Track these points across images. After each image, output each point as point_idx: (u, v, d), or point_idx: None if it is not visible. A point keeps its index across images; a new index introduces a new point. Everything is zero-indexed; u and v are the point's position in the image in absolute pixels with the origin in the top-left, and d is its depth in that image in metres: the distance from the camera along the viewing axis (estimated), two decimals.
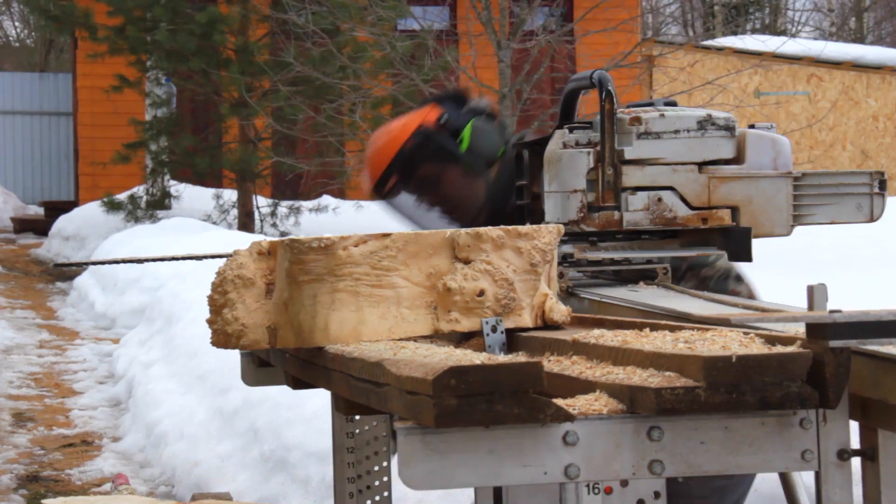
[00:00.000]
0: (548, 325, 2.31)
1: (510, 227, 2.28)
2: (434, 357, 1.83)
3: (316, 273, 2.24)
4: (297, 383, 2.53)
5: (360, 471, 3.23)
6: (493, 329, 2.22)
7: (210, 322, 2.46)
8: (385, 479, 3.25)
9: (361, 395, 1.97)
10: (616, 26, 11.45)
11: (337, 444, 3.24)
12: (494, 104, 3.36)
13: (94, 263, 12.69)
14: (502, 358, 1.69)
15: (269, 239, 2.49)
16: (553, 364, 1.99)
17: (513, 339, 2.25)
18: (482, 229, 2.27)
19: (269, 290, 2.41)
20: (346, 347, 2.16)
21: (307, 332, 2.26)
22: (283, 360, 2.54)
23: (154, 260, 5.19)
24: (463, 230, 2.27)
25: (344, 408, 2.27)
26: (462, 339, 2.31)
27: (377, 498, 3.26)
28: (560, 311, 2.33)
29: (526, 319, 2.29)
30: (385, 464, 3.25)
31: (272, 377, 2.82)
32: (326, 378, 2.25)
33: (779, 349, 1.69)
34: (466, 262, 2.27)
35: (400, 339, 2.24)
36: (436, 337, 2.32)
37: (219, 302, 2.44)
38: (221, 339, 2.44)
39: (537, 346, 2.16)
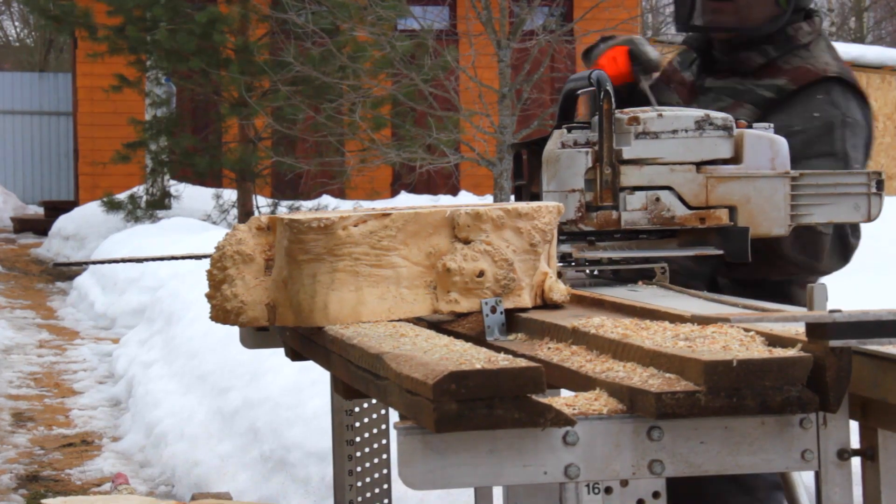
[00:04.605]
0: (547, 304, 2.32)
1: (510, 207, 2.28)
2: (434, 352, 1.82)
3: (315, 253, 2.24)
4: (296, 355, 2.54)
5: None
6: (493, 310, 2.22)
7: (209, 297, 2.46)
8: (385, 471, 3.25)
9: (361, 382, 1.98)
10: (616, 26, 11.43)
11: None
12: None
13: (94, 263, 12.69)
14: (502, 360, 1.69)
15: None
16: (552, 353, 1.99)
17: (512, 320, 2.25)
18: (482, 209, 2.27)
19: (269, 265, 2.41)
20: (346, 331, 2.16)
21: (306, 312, 2.26)
22: (282, 332, 2.54)
23: (154, 259, 5.20)
24: (462, 210, 2.27)
25: (343, 391, 2.27)
26: (460, 316, 2.32)
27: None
28: (559, 290, 2.33)
29: (525, 299, 2.29)
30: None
31: (271, 340, 2.83)
32: (326, 358, 2.26)
33: (779, 353, 1.69)
34: (466, 242, 2.26)
35: (399, 321, 2.24)
36: (434, 317, 2.33)
37: (217, 277, 2.44)
38: (220, 315, 2.44)
39: (536, 330, 2.16)
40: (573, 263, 2.70)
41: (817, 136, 3.07)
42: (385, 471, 3.25)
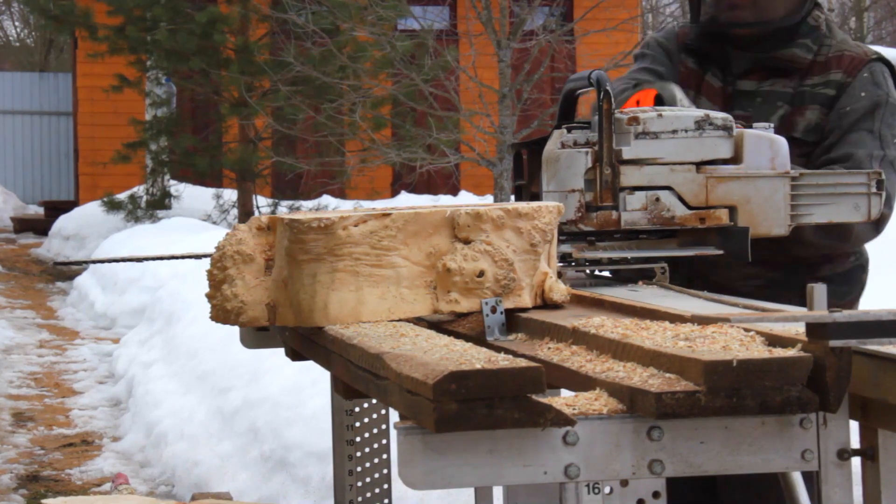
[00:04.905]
0: (547, 304, 2.31)
1: (510, 207, 2.28)
2: (434, 352, 1.82)
3: (315, 253, 2.24)
4: (296, 355, 2.53)
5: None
6: (493, 310, 2.22)
7: (209, 297, 2.46)
8: (385, 470, 3.25)
9: (361, 382, 1.98)
10: (616, 26, 11.45)
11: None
12: None
13: (95, 262, 12.69)
14: (502, 360, 1.69)
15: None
16: (552, 353, 1.99)
17: (512, 319, 2.25)
18: (482, 209, 2.27)
19: (269, 265, 2.41)
20: (346, 331, 2.15)
21: (306, 312, 2.26)
22: (282, 332, 2.54)
23: (154, 259, 5.20)
24: (462, 210, 2.27)
25: (343, 391, 2.27)
26: (460, 316, 2.32)
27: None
28: (560, 290, 2.33)
29: (525, 299, 2.29)
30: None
31: (270, 341, 2.83)
32: (326, 358, 2.25)
33: (779, 353, 1.69)
34: (466, 242, 2.26)
35: (399, 320, 2.24)
36: (434, 317, 2.33)
37: (218, 277, 2.44)
38: (220, 314, 2.44)
39: (537, 330, 2.16)
40: (573, 263, 2.70)
41: (862, 114, 3.10)
42: (385, 471, 3.25)
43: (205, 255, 4.80)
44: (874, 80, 3.14)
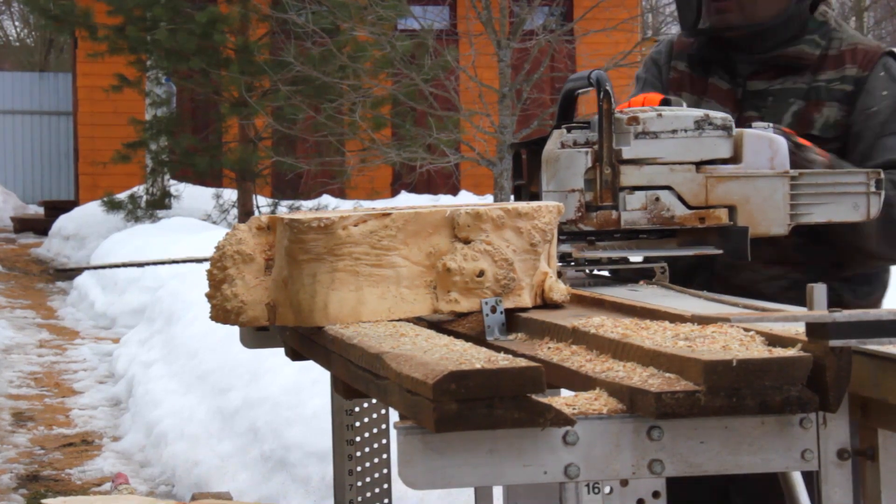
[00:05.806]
0: (547, 304, 2.32)
1: (510, 207, 2.28)
2: (434, 351, 1.82)
3: (315, 252, 2.24)
4: (296, 355, 2.53)
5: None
6: (493, 310, 2.22)
7: (209, 297, 2.46)
8: (385, 470, 3.25)
9: (361, 382, 1.97)
10: (616, 26, 11.45)
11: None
12: None
13: (93, 268, 12.70)
14: (502, 360, 1.69)
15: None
16: (552, 353, 1.99)
17: (512, 319, 2.25)
18: (482, 209, 2.27)
19: (269, 265, 2.41)
20: (346, 331, 2.15)
21: (306, 312, 2.26)
22: (282, 331, 2.54)
23: (152, 264, 5.21)
24: (462, 210, 2.27)
25: (343, 391, 2.27)
26: (460, 315, 2.32)
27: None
28: (560, 290, 2.33)
29: (525, 299, 2.29)
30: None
31: (270, 341, 2.83)
32: (326, 358, 2.25)
33: (779, 352, 1.69)
34: (466, 241, 2.26)
35: (399, 320, 2.24)
36: (434, 317, 2.33)
37: (218, 277, 2.44)
38: (220, 314, 2.44)
39: (537, 330, 2.16)
40: (573, 263, 2.71)
41: (890, 114, 3.04)
42: (385, 471, 3.25)
43: (204, 260, 4.80)
44: (891, 76, 3.09)
